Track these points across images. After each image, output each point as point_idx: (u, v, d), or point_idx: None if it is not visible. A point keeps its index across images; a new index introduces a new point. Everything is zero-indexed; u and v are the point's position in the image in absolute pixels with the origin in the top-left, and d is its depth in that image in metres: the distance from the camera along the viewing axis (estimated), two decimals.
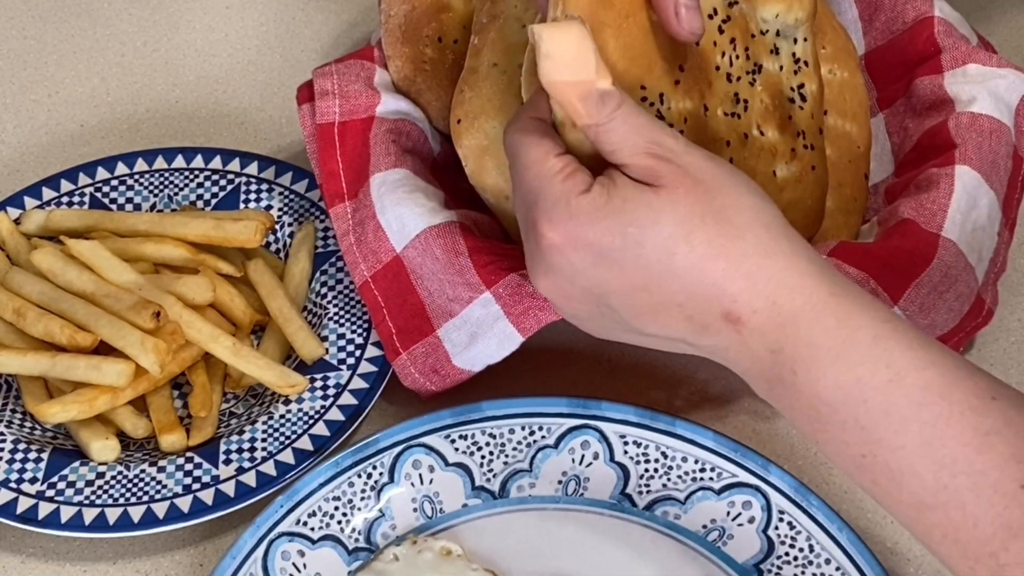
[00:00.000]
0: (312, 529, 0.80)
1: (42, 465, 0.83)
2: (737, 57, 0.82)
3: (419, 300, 0.86)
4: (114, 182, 0.99)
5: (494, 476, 0.83)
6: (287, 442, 0.84)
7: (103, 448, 0.84)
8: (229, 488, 0.82)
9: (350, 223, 0.88)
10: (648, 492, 0.82)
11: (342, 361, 0.88)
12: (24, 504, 0.81)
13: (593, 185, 0.67)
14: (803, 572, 0.78)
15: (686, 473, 0.82)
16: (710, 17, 0.82)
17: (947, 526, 0.60)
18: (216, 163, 1.00)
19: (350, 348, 0.89)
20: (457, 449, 0.83)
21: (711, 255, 0.64)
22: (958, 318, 0.86)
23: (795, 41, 0.85)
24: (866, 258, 0.82)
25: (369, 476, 0.82)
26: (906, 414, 0.61)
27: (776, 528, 0.80)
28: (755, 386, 0.67)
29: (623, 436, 0.83)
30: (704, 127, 0.79)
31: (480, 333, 0.83)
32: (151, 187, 0.99)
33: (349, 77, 0.92)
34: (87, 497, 0.81)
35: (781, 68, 0.85)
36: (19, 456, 0.84)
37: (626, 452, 0.83)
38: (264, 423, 0.85)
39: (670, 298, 0.66)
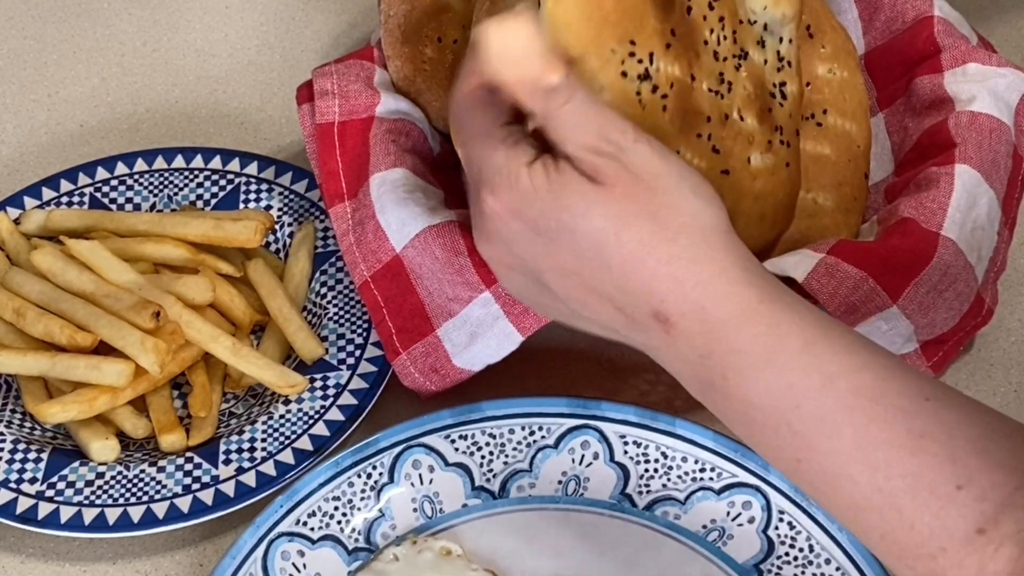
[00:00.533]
0: (312, 529, 0.80)
1: (42, 465, 0.83)
2: (725, 38, 0.81)
3: (419, 300, 0.86)
4: (114, 182, 0.99)
5: (494, 476, 0.83)
6: (287, 442, 0.84)
7: (103, 448, 0.84)
8: (229, 488, 0.82)
9: (350, 223, 0.88)
10: (648, 492, 0.82)
11: (342, 361, 0.88)
12: (24, 504, 0.81)
13: (536, 161, 0.66)
14: (803, 572, 0.78)
15: (686, 473, 0.82)
16: None
17: (884, 528, 0.61)
18: (216, 163, 1.00)
19: (350, 348, 0.89)
20: (457, 449, 0.83)
21: (641, 254, 0.64)
22: (957, 317, 0.86)
23: (780, 40, 0.85)
24: (865, 257, 0.82)
25: (369, 476, 0.82)
26: (838, 418, 0.61)
27: (776, 528, 0.80)
28: (687, 387, 0.67)
29: (623, 436, 0.83)
30: (689, 96, 0.78)
31: (480, 332, 0.83)
32: (151, 187, 0.99)
33: (349, 77, 0.92)
34: (87, 497, 0.81)
35: (766, 62, 0.85)
36: (19, 456, 0.84)
37: (626, 452, 0.83)
38: (264, 423, 0.85)
39: (601, 288, 0.66)
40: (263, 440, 0.84)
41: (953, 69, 0.93)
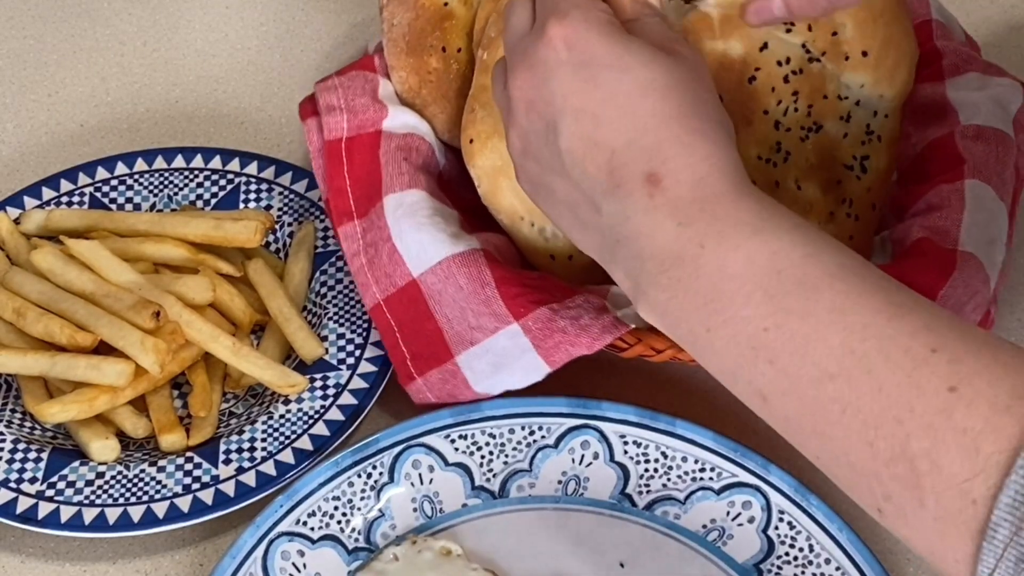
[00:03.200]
0: (312, 529, 0.80)
1: (42, 465, 0.83)
2: (796, 110, 0.82)
3: (437, 327, 0.84)
4: (114, 182, 0.99)
5: (494, 476, 0.83)
6: (287, 442, 0.84)
7: (103, 448, 0.84)
8: (229, 488, 0.82)
9: (360, 244, 0.86)
10: (648, 492, 0.82)
11: (342, 361, 0.88)
12: (24, 504, 0.81)
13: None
14: (803, 572, 0.78)
15: (686, 473, 0.82)
16: (779, 64, 0.83)
17: (849, 396, 0.58)
18: (216, 163, 1.00)
19: (350, 348, 0.89)
20: (457, 449, 0.83)
21: (674, 116, 0.65)
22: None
23: (875, 114, 0.85)
24: (894, 275, 0.82)
25: (369, 476, 0.82)
26: (820, 284, 0.60)
27: (776, 528, 0.80)
28: (645, 271, 0.65)
29: (623, 436, 0.83)
30: None
31: (505, 364, 0.82)
32: (151, 187, 0.99)
33: (354, 90, 0.91)
34: (87, 497, 0.81)
35: (846, 136, 0.84)
36: (19, 456, 0.84)
37: (626, 452, 0.83)
38: (264, 423, 0.85)
39: (612, 137, 0.66)
40: (263, 440, 0.84)
41: (954, 78, 0.93)
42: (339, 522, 0.81)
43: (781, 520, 0.80)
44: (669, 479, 0.82)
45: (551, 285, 0.83)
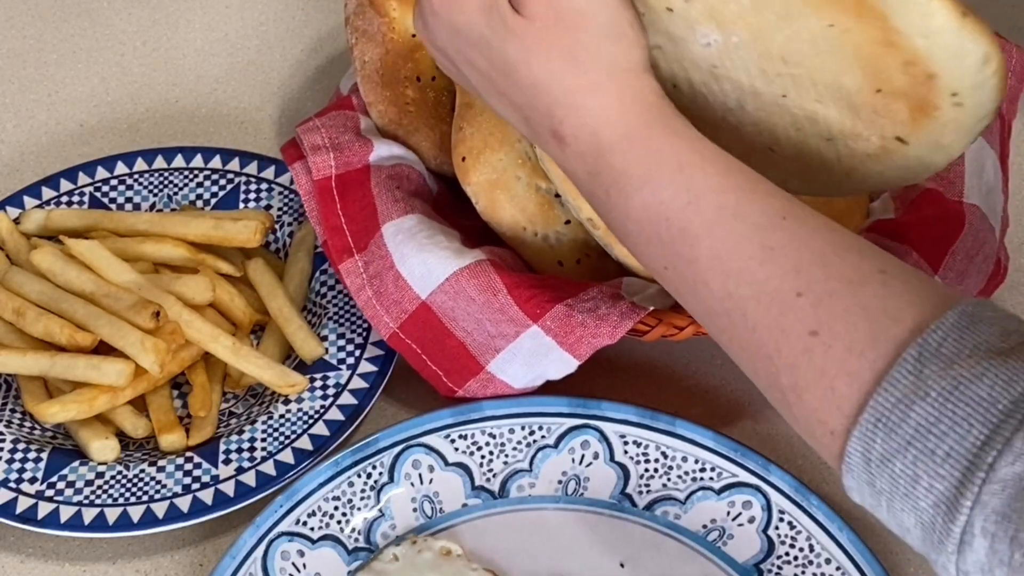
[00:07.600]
0: (312, 529, 0.80)
1: (42, 465, 0.83)
2: None
3: (458, 341, 0.84)
4: (114, 182, 0.99)
5: (494, 476, 0.83)
6: (287, 442, 0.84)
7: (103, 448, 0.84)
8: (229, 488, 0.82)
9: (364, 277, 0.86)
10: (648, 492, 0.82)
11: (342, 361, 0.88)
12: (24, 504, 0.81)
13: None
14: (803, 572, 0.78)
15: (686, 473, 0.82)
16: None
17: (732, 331, 0.65)
18: (216, 163, 1.00)
19: (350, 348, 0.89)
20: (457, 449, 0.83)
21: (547, 82, 0.69)
22: (985, 279, 0.86)
23: None
24: (905, 231, 0.82)
25: (369, 476, 0.82)
26: (699, 232, 0.66)
27: (776, 528, 0.80)
28: (580, 191, 0.73)
29: (623, 436, 0.83)
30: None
31: (535, 362, 0.83)
32: (151, 187, 0.99)
33: (337, 128, 0.90)
34: (86, 497, 0.81)
35: None
36: (19, 456, 0.84)
37: (626, 452, 0.83)
38: (264, 423, 0.85)
39: (512, 98, 0.72)
40: (263, 440, 0.84)
41: None
42: (339, 522, 0.80)
43: (781, 520, 0.80)
44: (669, 479, 0.82)
45: (562, 283, 0.84)
